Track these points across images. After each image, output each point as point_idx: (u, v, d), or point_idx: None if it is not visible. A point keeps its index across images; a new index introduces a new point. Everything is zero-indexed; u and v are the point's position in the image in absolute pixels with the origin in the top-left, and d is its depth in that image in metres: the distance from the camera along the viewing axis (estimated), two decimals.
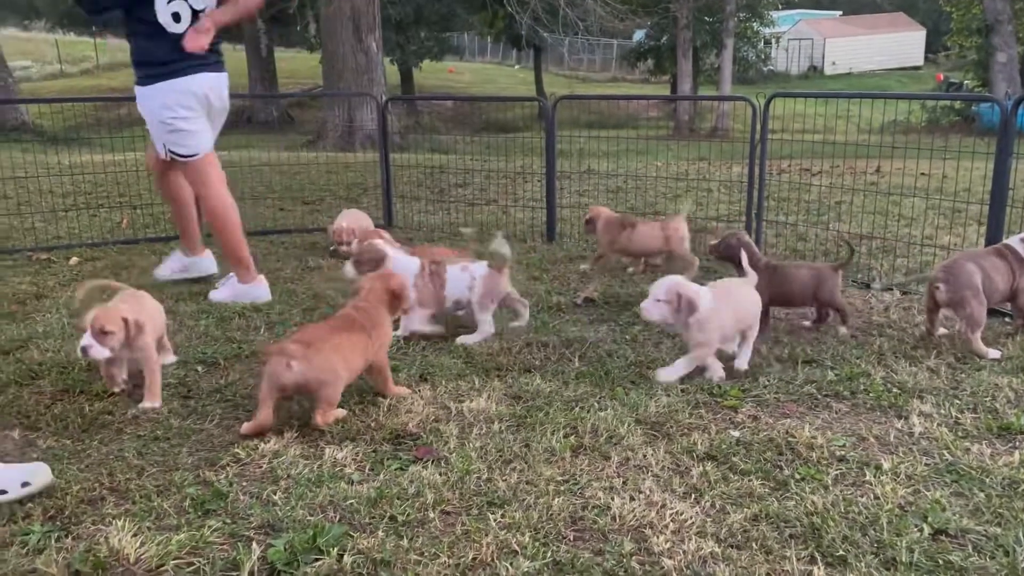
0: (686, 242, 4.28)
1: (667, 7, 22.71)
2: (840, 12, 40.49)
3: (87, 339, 2.60)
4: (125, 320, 2.65)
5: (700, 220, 5.78)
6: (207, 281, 4.29)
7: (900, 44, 35.91)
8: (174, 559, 1.82)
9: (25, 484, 2.06)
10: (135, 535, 1.90)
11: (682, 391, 2.78)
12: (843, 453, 2.34)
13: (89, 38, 32.76)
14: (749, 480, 2.18)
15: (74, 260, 4.81)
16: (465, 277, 3.33)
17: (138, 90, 3.91)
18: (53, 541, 1.88)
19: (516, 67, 37.06)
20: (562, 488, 2.13)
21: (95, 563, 1.79)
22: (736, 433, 2.47)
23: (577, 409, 2.62)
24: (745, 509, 2.03)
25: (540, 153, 5.71)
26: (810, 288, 3.31)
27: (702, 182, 7.18)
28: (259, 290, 4.00)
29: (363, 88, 13.21)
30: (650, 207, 6.37)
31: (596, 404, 2.66)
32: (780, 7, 29.17)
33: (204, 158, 3.94)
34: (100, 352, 2.61)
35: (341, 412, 2.58)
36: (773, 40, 30.65)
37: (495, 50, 39.99)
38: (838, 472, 2.23)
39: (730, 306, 2.89)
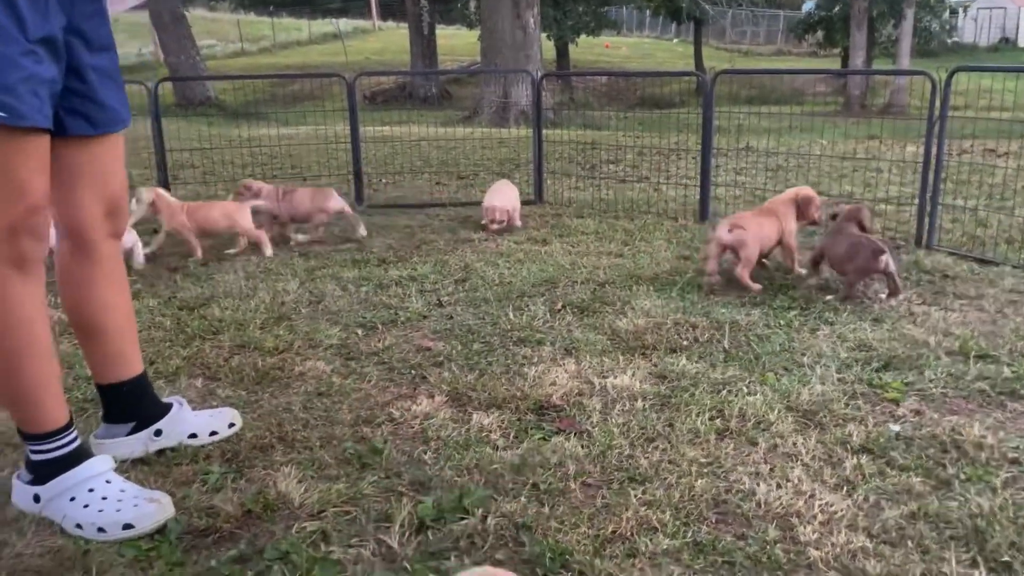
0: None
1: None
2: None
3: None
4: None
5: (868, 202, 5.46)
6: (367, 249, 4.52)
7: None
8: (333, 507, 1.96)
9: (213, 433, 2.29)
10: (300, 482, 2.05)
11: (839, 380, 2.66)
12: (1016, 455, 2.17)
13: (267, 17, 34.93)
14: (908, 476, 2.07)
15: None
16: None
17: None
18: (229, 482, 2.07)
19: (675, 41, 36.14)
20: (705, 470, 2.11)
21: (265, 504, 1.95)
22: (896, 427, 2.34)
23: (724, 392, 2.57)
24: (902, 506, 1.93)
25: (696, 130, 5.58)
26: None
27: (871, 162, 6.76)
28: None
29: (519, 64, 13.34)
30: (813, 187, 6.07)
31: (745, 388, 2.60)
32: None
33: None
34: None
35: (757, 287, 3.60)
36: (960, 9, 28.17)
37: (653, 24, 39.17)
38: (1009, 475, 2.07)
39: None
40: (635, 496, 1.98)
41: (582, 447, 2.24)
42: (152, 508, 1.88)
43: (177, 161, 6.56)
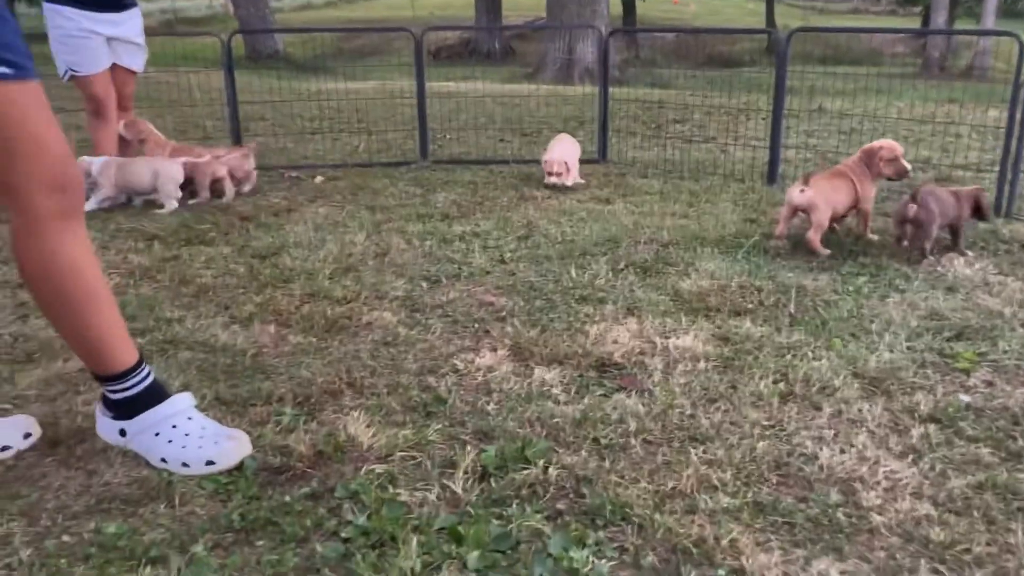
0: None
1: None
2: None
3: None
4: None
5: (945, 168, 5.28)
6: (431, 203, 4.56)
7: None
8: (400, 451, 2.02)
9: (5, 447, 2.02)
10: (368, 426, 2.12)
11: (908, 348, 2.61)
12: None
13: None
14: (977, 447, 2.04)
15: (319, 179, 5.29)
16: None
17: None
18: (301, 423, 2.15)
19: None
20: (767, 433, 2.11)
21: (335, 446, 2.03)
22: (966, 397, 2.30)
23: (789, 356, 2.55)
24: (969, 476, 1.91)
25: (766, 89, 5.44)
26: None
27: (950, 126, 6.50)
28: None
29: (586, 19, 13.11)
30: None
31: (810, 353, 2.57)
32: None
33: None
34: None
35: (825, 251, 3.56)
36: None
37: None
38: None
39: None
40: (696, 455, 2.00)
41: (643, 405, 2.25)
42: (232, 445, 1.96)
43: (247, 114, 6.67)
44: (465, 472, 1.93)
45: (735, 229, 3.99)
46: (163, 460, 1.94)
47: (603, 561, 1.62)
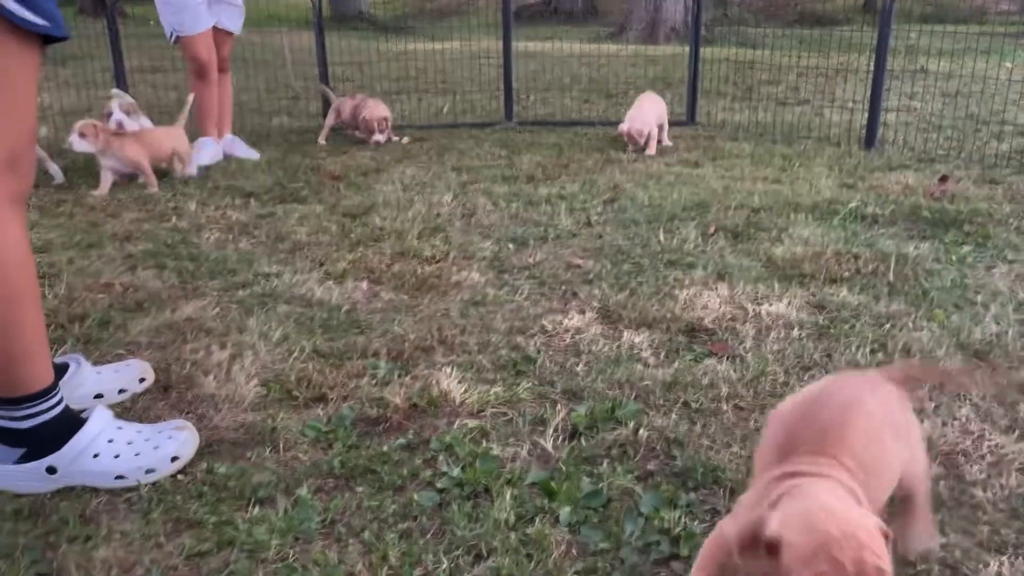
0: None
1: None
2: None
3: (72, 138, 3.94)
4: (95, 127, 3.97)
5: None
6: (516, 165, 4.56)
7: None
8: (491, 407, 2.06)
9: (122, 391, 2.08)
10: (460, 382, 2.17)
11: (1017, 321, 2.50)
12: None
13: None
14: None
15: (405, 140, 5.35)
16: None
17: None
18: (395, 377, 2.21)
19: None
20: None
21: (429, 400, 2.08)
22: None
23: (887, 326, 2.48)
24: None
25: (861, 49, 5.21)
26: None
27: None
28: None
29: None
30: (995, 116, 5.57)
31: (910, 324, 2.49)
32: None
33: None
34: (79, 146, 3.96)
35: None
36: None
37: None
38: None
39: None
40: None
41: (734, 371, 2.23)
42: (186, 435, 1.82)
43: (333, 75, 6.78)
44: (555, 430, 1.95)
45: (830, 195, 3.87)
46: (120, 477, 1.72)
47: (695, 522, 1.63)
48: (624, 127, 4.89)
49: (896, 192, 3.94)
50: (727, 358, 2.31)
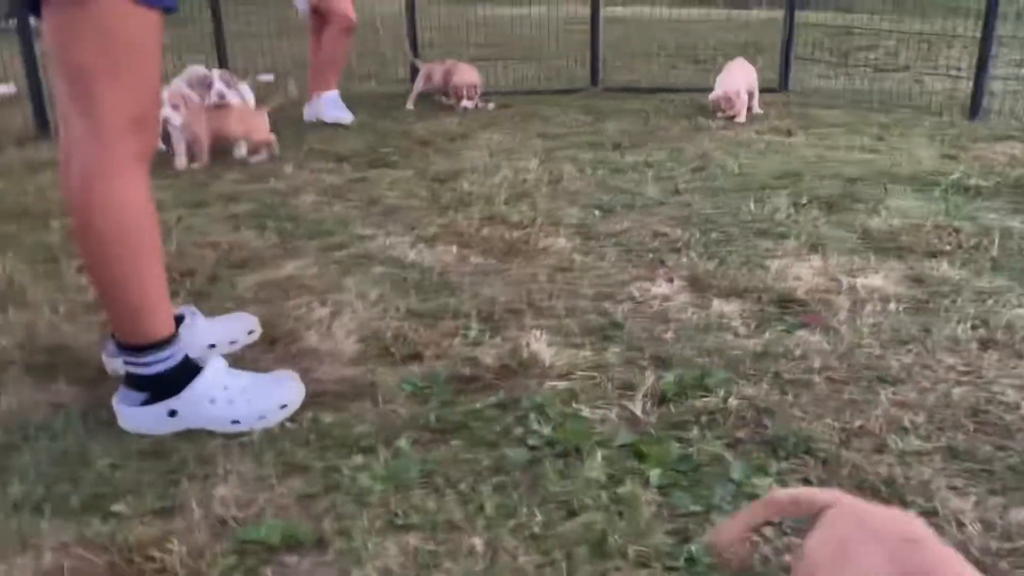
0: None
1: None
2: None
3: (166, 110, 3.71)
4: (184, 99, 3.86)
5: None
6: (602, 132, 4.54)
7: None
8: (580, 371, 2.10)
9: (232, 342, 2.21)
10: (549, 345, 2.21)
11: None
12: None
13: None
14: None
15: (491, 106, 5.38)
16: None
17: None
18: (486, 338, 2.27)
19: None
20: (964, 379, 2.02)
21: (519, 361, 2.13)
22: None
23: (990, 302, 2.40)
24: None
25: (966, 13, 4.96)
26: None
27: None
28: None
29: None
30: None
31: (1015, 300, 2.41)
32: None
33: None
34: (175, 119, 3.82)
35: None
36: None
37: None
38: None
39: None
40: (885, 396, 1.94)
41: (827, 343, 2.21)
42: (293, 384, 1.92)
43: (421, 40, 6.83)
44: (644, 395, 1.98)
45: (931, 166, 3.73)
46: (235, 422, 1.82)
47: None
48: (714, 94, 4.80)
49: (1001, 164, 3.77)
50: (820, 330, 2.28)
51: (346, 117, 4.80)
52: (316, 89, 4.94)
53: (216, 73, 4.34)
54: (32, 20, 3.85)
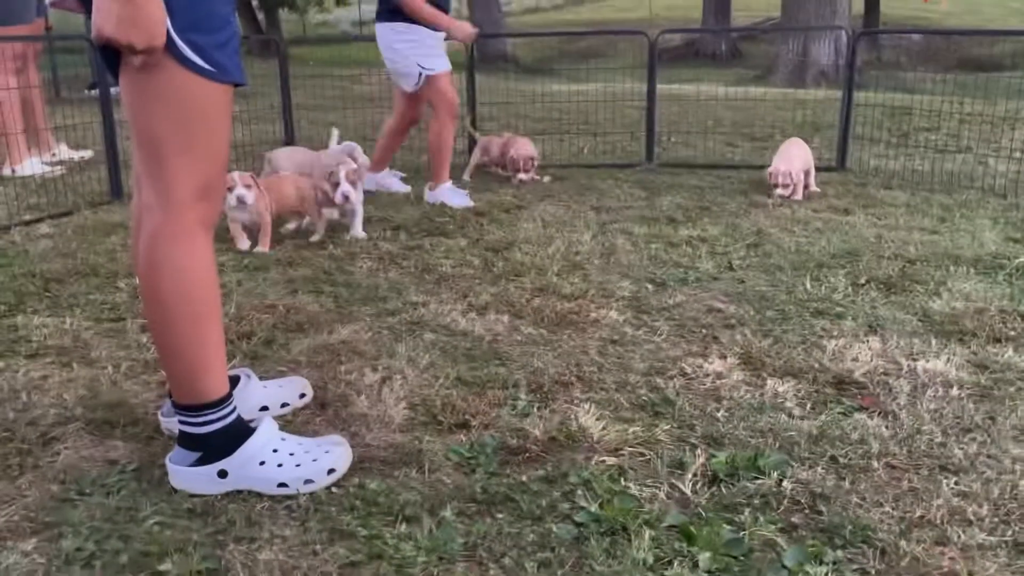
0: None
1: None
2: None
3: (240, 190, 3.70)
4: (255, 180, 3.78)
5: None
6: (656, 207, 4.56)
7: None
8: (629, 447, 2.07)
9: (284, 404, 2.24)
10: (598, 419, 2.19)
11: None
12: None
13: None
14: None
15: (547, 179, 5.46)
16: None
17: None
18: (535, 409, 2.26)
19: None
20: None
21: (567, 434, 2.11)
22: None
23: None
24: None
25: None
26: None
27: None
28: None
29: (824, 20, 12.46)
30: None
31: None
32: None
33: None
34: (248, 198, 3.72)
35: None
36: None
37: None
38: None
39: None
40: (947, 485, 1.87)
41: (887, 428, 2.14)
42: (342, 450, 1.93)
43: (479, 114, 7.03)
44: (694, 475, 1.94)
45: (995, 248, 3.65)
46: (282, 485, 1.84)
47: None
48: (773, 167, 4.82)
49: None
50: (879, 414, 2.22)
51: (467, 202, 4.74)
52: (436, 180, 4.90)
53: (343, 173, 3.92)
54: (112, 89, 4.05)
